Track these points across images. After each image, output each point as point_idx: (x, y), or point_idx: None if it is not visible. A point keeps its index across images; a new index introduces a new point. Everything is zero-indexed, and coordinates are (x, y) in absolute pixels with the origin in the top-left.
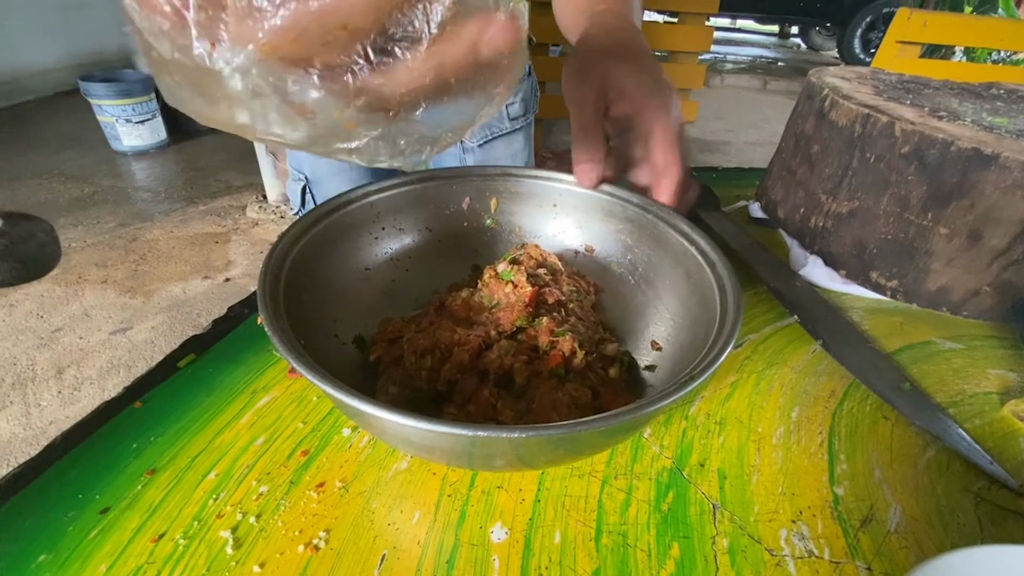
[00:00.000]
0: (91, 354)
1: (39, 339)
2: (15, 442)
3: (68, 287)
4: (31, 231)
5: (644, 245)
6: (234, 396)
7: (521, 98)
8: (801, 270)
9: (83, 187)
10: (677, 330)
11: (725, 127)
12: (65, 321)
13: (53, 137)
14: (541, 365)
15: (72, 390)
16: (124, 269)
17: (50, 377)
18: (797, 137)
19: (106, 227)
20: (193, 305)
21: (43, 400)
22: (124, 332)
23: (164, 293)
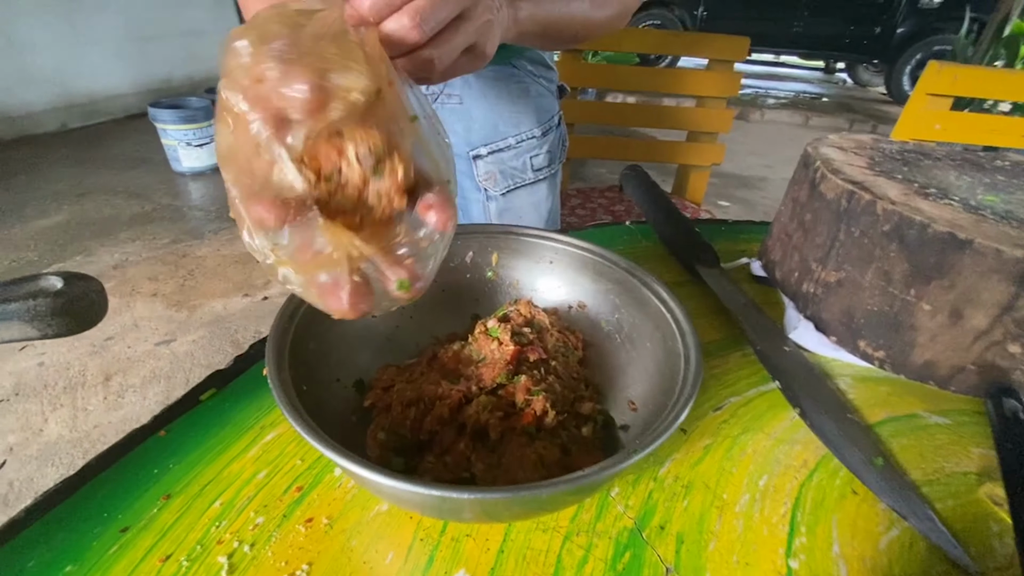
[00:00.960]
0: (137, 363)
1: (92, 346)
2: (61, 443)
3: (122, 298)
4: (85, 291)
5: (629, 306)
6: (245, 430)
7: (547, 149)
8: (792, 333)
9: (144, 204)
10: (652, 393)
11: (763, 163)
12: (116, 330)
13: (121, 156)
14: (516, 421)
15: (117, 397)
16: (173, 283)
17: (98, 383)
18: (794, 203)
19: (161, 243)
20: (232, 321)
21: (90, 405)
22: (168, 344)
23: (207, 308)
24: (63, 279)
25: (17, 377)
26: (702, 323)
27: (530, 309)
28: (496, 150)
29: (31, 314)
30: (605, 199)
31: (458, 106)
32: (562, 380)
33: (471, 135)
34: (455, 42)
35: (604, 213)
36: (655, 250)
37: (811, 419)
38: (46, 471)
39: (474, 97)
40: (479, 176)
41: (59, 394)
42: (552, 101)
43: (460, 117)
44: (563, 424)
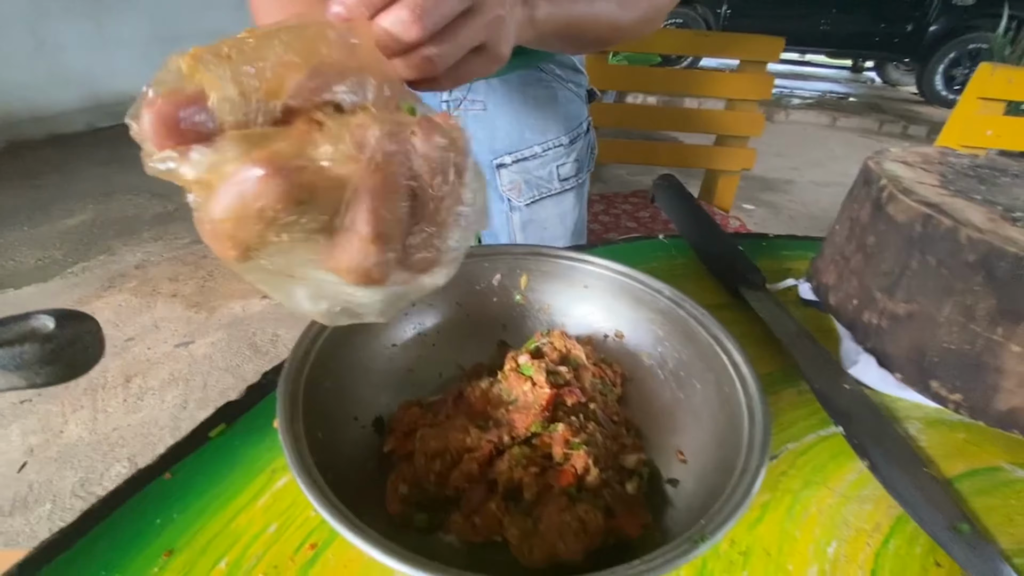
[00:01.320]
0: (156, 365)
1: (113, 347)
2: (80, 445)
3: (143, 298)
4: (78, 333)
5: (675, 340)
6: (255, 474)
7: (574, 158)
8: (851, 368)
9: (166, 204)
10: (704, 445)
11: (789, 165)
12: (137, 331)
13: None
14: (553, 477)
15: (136, 399)
16: (193, 284)
17: (118, 385)
18: (852, 223)
19: (181, 243)
20: (250, 323)
21: (110, 407)
22: (187, 346)
23: (226, 310)
24: (55, 319)
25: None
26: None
27: (565, 342)
28: (521, 159)
29: (17, 362)
30: (630, 204)
31: (481, 112)
32: (603, 428)
33: (495, 143)
34: (460, 39)
35: (629, 219)
36: (692, 268)
37: (882, 472)
38: (65, 474)
39: (498, 103)
40: (502, 186)
41: (80, 395)
42: (581, 107)
43: (483, 124)
44: (606, 481)
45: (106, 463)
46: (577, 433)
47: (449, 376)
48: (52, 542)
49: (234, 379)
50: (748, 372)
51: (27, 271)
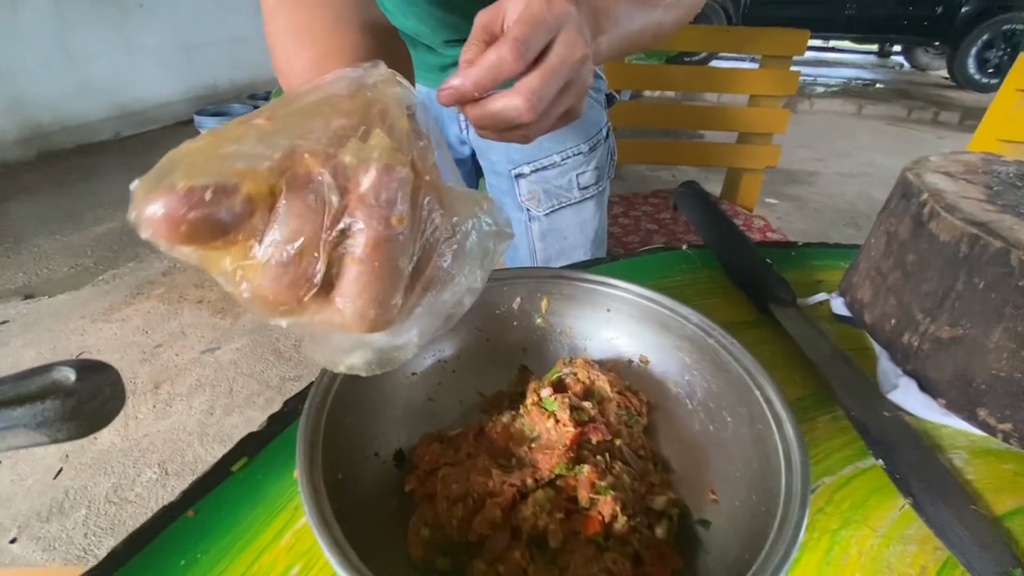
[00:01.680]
0: (184, 371)
1: (142, 354)
2: (113, 452)
3: (170, 305)
4: (99, 386)
5: (704, 369)
6: (277, 511)
7: (594, 166)
8: (891, 393)
9: None
10: (736, 486)
11: (813, 156)
12: (165, 338)
13: None
14: (578, 522)
15: (165, 405)
16: (217, 290)
17: (148, 391)
18: (889, 237)
19: None
20: (274, 329)
21: (140, 413)
22: (213, 352)
23: (249, 316)
24: (76, 371)
25: None
26: (780, 376)
27: (588, 372)
28: (540, 168)
29: (38, 420)
30: (650, 206)
31: None
32: (630, 467)
33: (513, 153)
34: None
35: (649, 221)
36: (718, 281)
37: (926, 511)
38: (98, 480)
39: None
40: (521, 196)
41: None
42: (600, 112)
43: None
44: (634, 527)
45: (137, 469)
46: (603, 475)
47: (470, 404)
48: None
49: (259, 384)
50: (783, 411)
51: (60, 279)
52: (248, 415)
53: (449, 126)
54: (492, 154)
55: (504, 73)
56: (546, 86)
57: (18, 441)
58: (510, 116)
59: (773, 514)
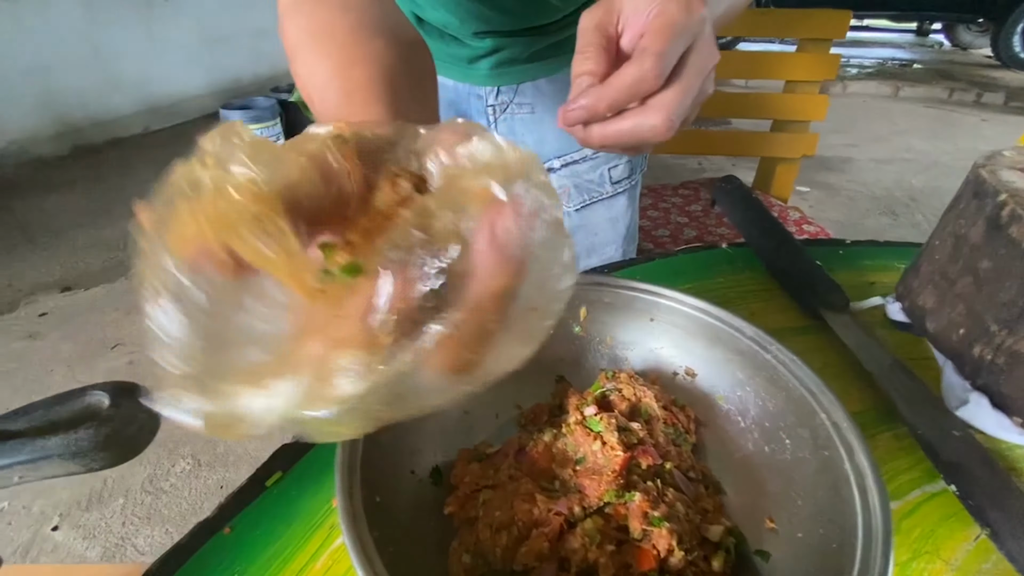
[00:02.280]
0: None
1: None
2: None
3: None
4: (133, 412)
5: (758, 385)
6: (313, 528)
7: (627, 159)
8: (959, 409)
9: None
10: (800, 515)
11: (847, 142)
12: None
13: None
14: (630, 554)
15: None
16: None
17: None
18: (958, 240)
19: None
20: None
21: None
22: None
23: None
24: (110, 395)
25: (110, 375)
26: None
27: (635, 389)
28: (570, 162)
29: (72, 450)
30: (680, 198)
31: (529, 115)
32: (683, 494)
33: (543, 147)
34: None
35: (680, 214)
36: (762, 283)
37: (1005, 543)
38: (135, 470)
39: (547, 105)
40: None
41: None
42: None
43: (531, 128)
44: (690, 561)
45: (171, 460)
46: (656, 504)
47: (507, 418)
48: None
49: None
50: (855, 438)
51: (95, 272)
52: None
53: (477, 119)
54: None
55: (643, 92)
56: (685, 102)
57: (52, 471)
58: (644, 136)
59: (850, 556)
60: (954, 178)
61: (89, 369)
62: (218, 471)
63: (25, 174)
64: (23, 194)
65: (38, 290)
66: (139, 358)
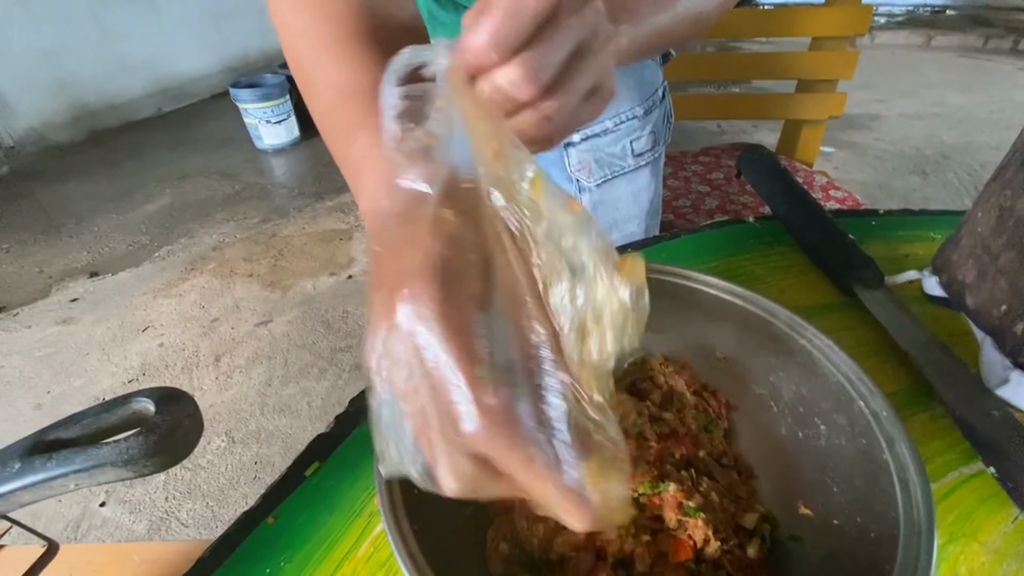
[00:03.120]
0: (241, 344)
1: (202, 328)
2: None
3: (223, 279)
4: (179, 419)
5: (792, 371)
6: (353, 517)
7: (650, 130)
8: (999, 388)
9: (234, 184)
10: (835, 502)
11: (874, 97)
12: (221, 312)
13: (212, 137)
14: (666, 543)
15: (226, 377)
16: (266, 264)
17: (210, 363)
18: (1002, 211)
19: (252, 222)
20: (321, 301)
21: (204, 384)
22: (266, 324)
23: (298, 288)
24: (155, 401)
25: (143, 358)
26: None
27: (665, 377)
28: (591, 135)
29: (124, 458)
30: (700, 165)
31: None
32: (718, 482)
33: None
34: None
35: (701, 182)
36: (792, 259)
37: None
38: None
39: None
40: (571, 166)
41: (178, 374)
42: (655, 71)
43: None
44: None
45: (207, 438)
46: (691, 494)
47: None
48: None
49: (311, 356)
50: (895, 427)
51: (120, 257)
52: (304, 385)
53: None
54: None
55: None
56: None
57: (106, 478)
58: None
59: (890, 549)
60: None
61: (123, 352)
62: (252, 447)
63: (45, 161)
64: (45, 181)
65: (67, 276)
66: (169, 340)
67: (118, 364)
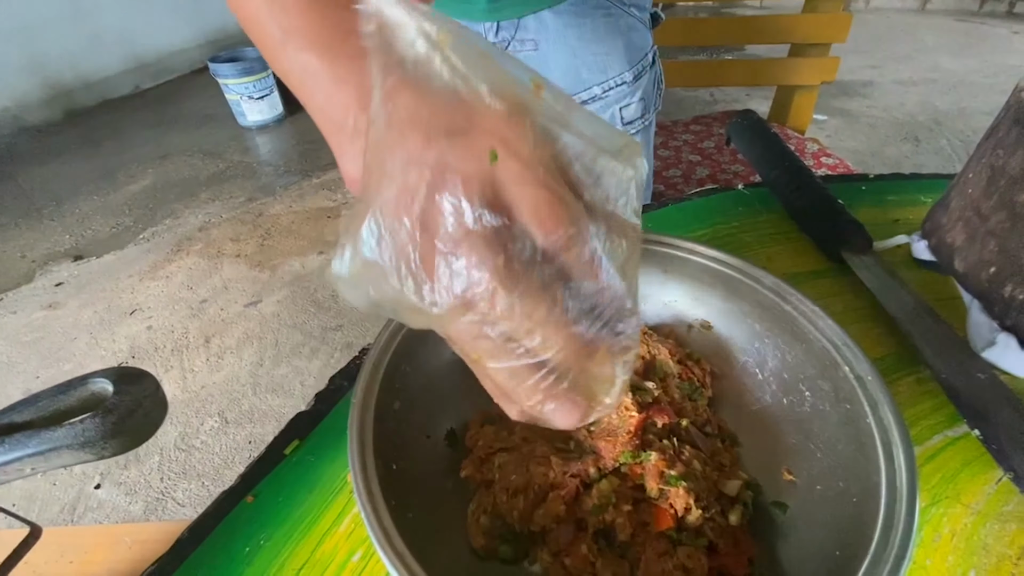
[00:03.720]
0: (231, 325)
1: (190, 309)
2: (176, 403)
3: (210, 260)
4: (138, 399)
5: (778, 338)
6: (333, 494)
7: (639, 96)
8: (985, 351)
9: (218, 163)
10: (819, 468)
11: (868, 63)
12: (209, 293)
13: (192, 115)
14: (647, 513)
15: (217, 358)
16: (253, 243)
17: (200, 345)
18: (994, 172)
19: (237, 202)
20: (311, 280)
21: (195, 366)
22: (255, 305)
23: (287, 267)
24: (113, 382)
25: (131, 341)
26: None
27: (649, 346)
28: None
29: (80, 440)
30: (691, 134)
31: (532, 53)
32: (700, 451)
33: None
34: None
35: (692, 152)
36: (781, 225)
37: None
38: (166, 429)
39: (551, 40)
40: None
41: (168, 356)
42: (645, 35)
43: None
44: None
45: (200, 418)
46: (672, 463)
47: None
48: (151, 574)
49: (302, 335)
50: (879, 392)
51: (104, 239)
52: (296, 365)
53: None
54: None
55: None
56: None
57: (63, 461)
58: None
59: (872, 512)
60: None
61: (111, 335)
62: (245, 427)
63: (22, 142)
64: (23, 163)
65: (51, 260)
66: (157, 323)
67: (107, 348)
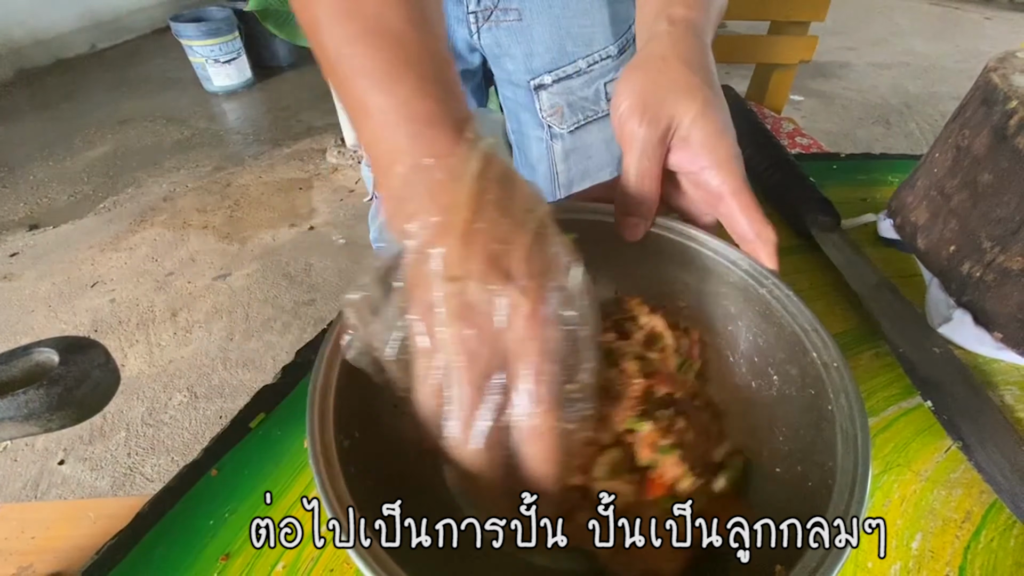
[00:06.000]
0: (198, 298)
1: (155, 282)
2: (142, 378)
3: (176, 232)
4: (86, 370)
5: (750, 321)
6: (299, 468)
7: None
8: (942, 327)
9: (183, 130)
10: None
11: (844, 44)
12: (176, 265)
13: (153, 78)
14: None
15: (185, 332)
16: (221, 215)
17: (167, 319)
18: (959, 152)
19: (204, 171)
20: (282, 253)
21: (163, 340)
22: (224, 278)
23: (256, 240)
24: (59, 352)
25: (93, 314)
26: (819, 306)
27: (651, 318)
28: (563, 76)
29: (24, 412)
30: None
31: (516, 23)
32: (694, 423)
33: (532, 60)
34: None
35: None
36: None
37: (975, 454)
38: (133, 404)
39: (535, 11)
40: (542, 110)
41: (133, 330)
42: (629, 6)
43: (519, 39)
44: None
45: (168, 393)
46: (666, 433)
47: None
48: (109, 550)
49: (273, 309)
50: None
51: (61, 208)
52: (267, 339)
53: (456, 29)
54: (508, 62)
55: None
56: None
57: (7, 434)
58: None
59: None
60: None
61: (70, 308)
62: (215, 402)
63: None
64: None
65: (4, 229)
66: (121, 295)
67: (67, 321)
